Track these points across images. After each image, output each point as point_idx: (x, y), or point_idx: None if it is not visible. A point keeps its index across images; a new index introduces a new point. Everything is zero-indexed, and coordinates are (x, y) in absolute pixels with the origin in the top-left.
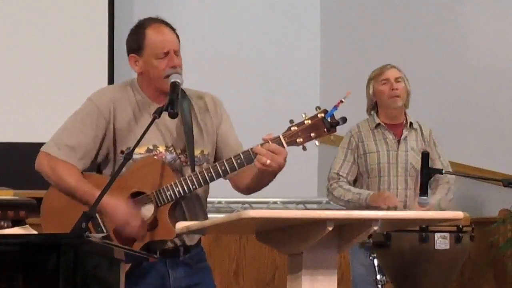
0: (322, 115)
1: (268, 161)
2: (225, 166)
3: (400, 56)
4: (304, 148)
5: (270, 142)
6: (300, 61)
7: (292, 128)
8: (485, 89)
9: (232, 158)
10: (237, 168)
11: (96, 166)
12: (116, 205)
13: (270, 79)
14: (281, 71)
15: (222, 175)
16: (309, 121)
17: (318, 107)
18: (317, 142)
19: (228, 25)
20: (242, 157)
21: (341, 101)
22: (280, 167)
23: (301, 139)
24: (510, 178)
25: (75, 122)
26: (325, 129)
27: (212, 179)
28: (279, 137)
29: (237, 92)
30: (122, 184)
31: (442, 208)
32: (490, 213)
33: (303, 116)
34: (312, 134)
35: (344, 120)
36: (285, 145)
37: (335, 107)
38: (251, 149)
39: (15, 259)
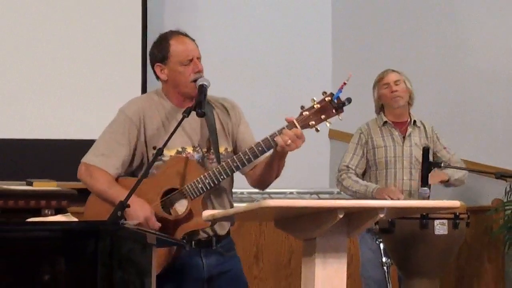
0: (329, 98)
1: (289, 141)
2: (249, 155)
3: (403, 61)
4: (317, 130)
5: (285, 126)
6: (313, 64)
7: (304, 113)
8: (481, 90)
9: (254, 147)
10: (259, 154)
11: (130, 173)
12: (139, 209)
13: (283, 81)
14: (294, 74)
15: (246, 163)
16: (318, 105)
17: (324, 92)
18: (327, 124)
19: (246, 33)
20: (262, 144)
21: (345, 83)
22: (294, 149)
23: (313, 122)
24: (502, 171)
25: (109, 133)
26: (334, 110)
27: (237, 168)
28: (293, 122)
29: (252, 93)
30: (155, 184)
31: (458, 178)
32: (484, 202)
33: (312, 101)
34: (323, 116)
35: (349, 100)
36: (299, 128)
37: (340, 90)
38: (271, 135)
39: (58, 243)
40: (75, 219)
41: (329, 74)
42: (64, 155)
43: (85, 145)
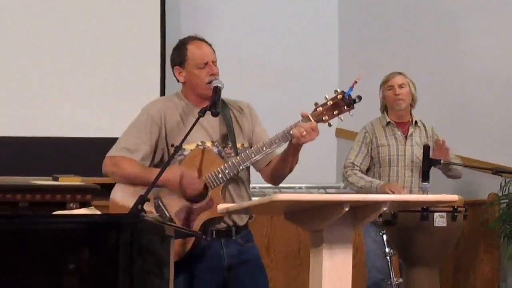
0: (341, 95)
1: (304, 133)
2: (266, 147)
3: (405, 64)
4: (330, 125)
5: (300, 121)
6: (320, 67)
7: (318, 109)
8: (478, 91)
9: (271, 139)
10: (276, 146)
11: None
12: (170, 171)
13: (291, 83)
14: (301, 76)
15: (264, 154)
16: (331, 102)
17: (336, 90)
18: (340, 119)
19: (256, 37)
20: (279, 136)
21: (356, 82)
22: (309, 141)
23: (326, 117)
24: (498, 167)
25: (132, 130)
26: (345, 107)
27: (255, 159)
28: (308, 116)
29: (262, 93)
30: None
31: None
32: (481, 196)
33: (325, 98)
34: (335, 112)
35: (359, 98)
36: (313, 122)
37: (351, 88)
38: (286, 129)
39: (82, 235)
40: (98, 212)
41: (336, 77)
42: (88, 152)
43: (107, 143)
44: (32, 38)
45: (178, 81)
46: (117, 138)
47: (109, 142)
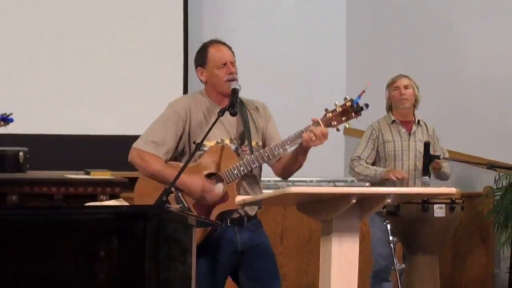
0: (350, 103)
1: (314, 138)
2: (279, 147)
3: (409, 67)
4: (338, 130)
5: (311, 125)
6: (328, 73)
7: (328, 114)
8: (475, 93)
9: (283, 141)
10: (288, 148)
11: (173, 158)
12: (192, 182)
13: (301, 86)
14: (311, 80)
15: (276, 154)
16: (340, 108)
17: (345, 97)
18: (347, 125)
19: (268, 42)
20: (290, 139)
21: (363, 91)
22: (317, 145)
23: (335, 122)
24: (492, 162)
25: (159, 124)
26: (353, 113)
27: (268, 158)
28: (318, 121)
29: (274, 96)
30: (197, 169)
31: (445, 172)
32: (477, 189)
33: (335, 104)
34: (344, 118)
35: (367, 106)
36: (324, 128)
37: (359, 97)
38: (298, 132)
39: (112, 225)
40: (127, 204)
41: (343, 79)
42: (117, 149)
43: (135, 139)
44: (67, 43)
45: (201, 81)
46: None
47: (137, 139)
